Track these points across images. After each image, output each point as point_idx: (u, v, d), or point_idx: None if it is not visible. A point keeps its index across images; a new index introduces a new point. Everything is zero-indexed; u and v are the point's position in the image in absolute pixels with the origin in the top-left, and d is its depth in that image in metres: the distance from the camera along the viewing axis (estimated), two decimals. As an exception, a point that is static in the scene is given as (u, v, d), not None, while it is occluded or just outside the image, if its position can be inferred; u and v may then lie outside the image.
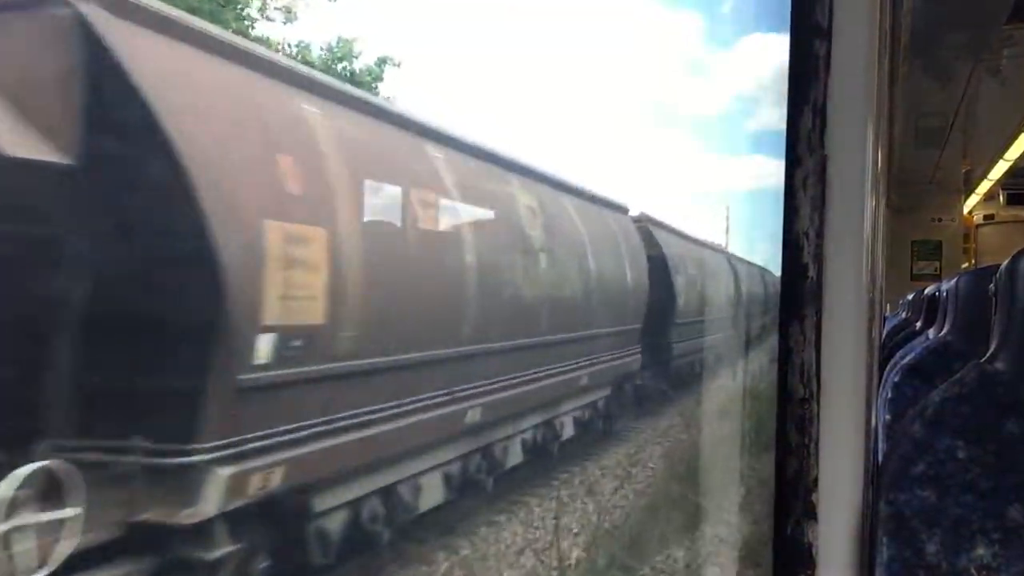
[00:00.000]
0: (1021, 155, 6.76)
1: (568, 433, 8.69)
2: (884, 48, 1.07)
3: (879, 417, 1.47)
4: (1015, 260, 0.96)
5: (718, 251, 16.51)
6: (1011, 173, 7.71)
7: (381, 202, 5.43)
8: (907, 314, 3.59)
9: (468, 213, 6.45)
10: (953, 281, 1.60)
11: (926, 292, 2.51)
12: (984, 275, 1.29)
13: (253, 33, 11.47)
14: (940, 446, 0.84)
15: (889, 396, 1.48)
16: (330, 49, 12.69)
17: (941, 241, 8.66)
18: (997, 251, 8.56)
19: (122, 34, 4.10)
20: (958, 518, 0.81)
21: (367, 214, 5.22)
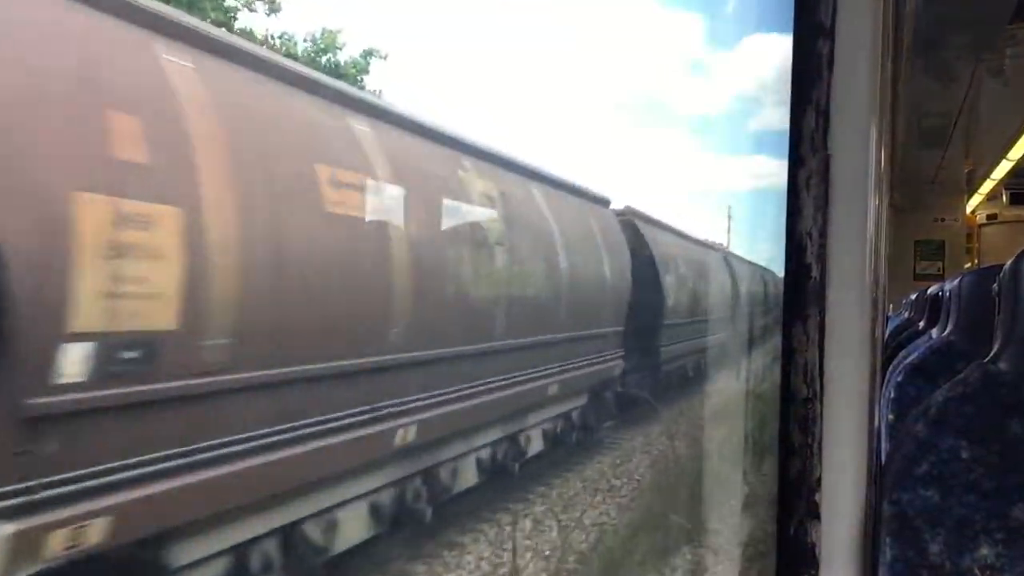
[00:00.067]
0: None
1: (536, 447, 7.89)
2: (887, 48, 1.07)
3: (882, 417, 1.47)
4: (1018, 260, 0.95)
5: (714, 249, 15.93)
6: (1014, 173, 7.70)
7: (274, 179, 4.53)
8: (910, 314, 3.59)
9: (400, 197, 5.60)
10: (956, 281, 1.60)
11: (929, 292, 2.51)
12: (987, 275, 1.28)
13: (236, 24, 11.27)
14: (943, 446, 0.84)
15: (892, 396, 1.48)
16: (314, 40, 12.51)
17: (944, 241, 8.66)
18: (1000, 251, 8.54)
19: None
20: (961, 518, 0.81)
21: (252, 192, 4.31)
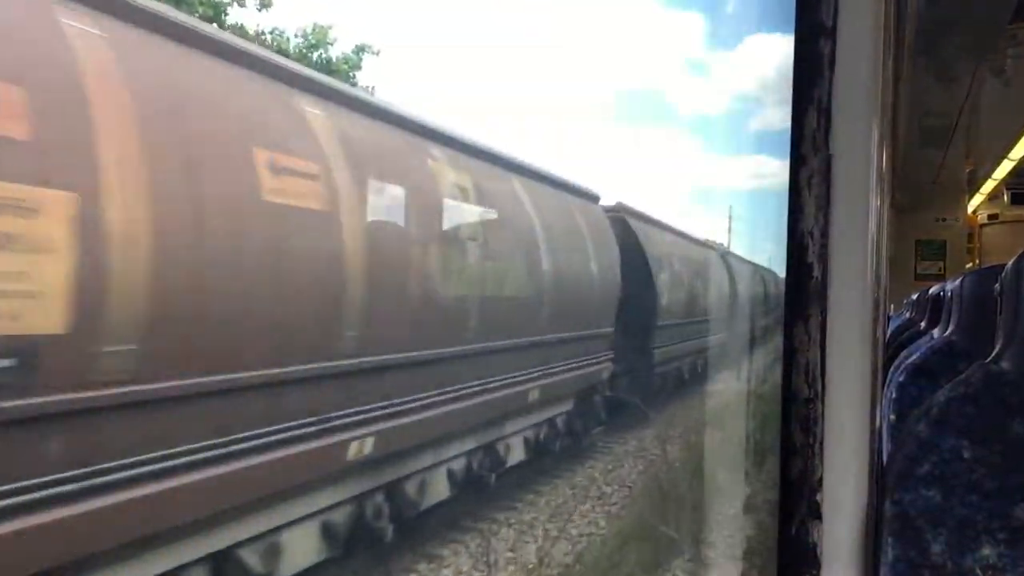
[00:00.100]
0: (1025, 155, 6.76)
1: (517, 456, 7.47)
2: (888, 48, 1.07)
3: (883, 417, 1.46)
4: (1020, 260, 0.95)
5: (711, 247, 15.57)
6: (1015, 173, 7.69)
7: (195, 161, 4.04)
8: (911, 314, 3.59)
9: (354, 186, 5.09)
10: (958, 281, 1.60)
11: (931, 292, 2.51)
12: (989, 275, 1.28)
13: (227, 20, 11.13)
14: (945, 446, 0.84)
15: (893, 396, 1.48)
16: (305, 36, 12.41)
17: (945, 241, 8.65)
18: (1001, 251, 8.54)
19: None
20: (963, 518, 0.81)
21: (166, 176, 3.83)
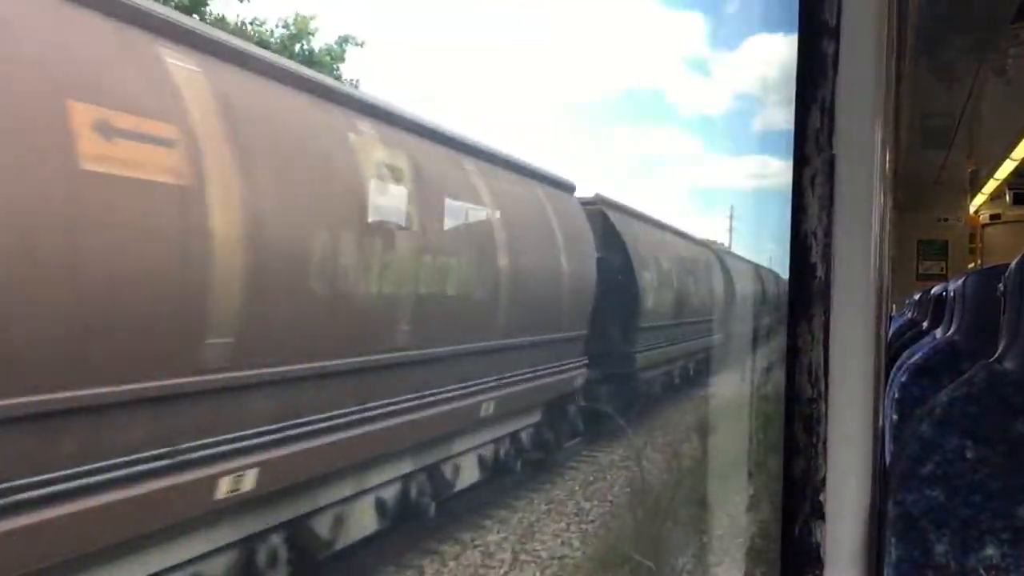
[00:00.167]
0: (1027, 155, 6.75)
1: (469, 478, 6.56)
2: (891, 47, 1.07)
3: (885, 417, 1.46)
4: None
5: (704, 245, 14.83)
6: (1017, 173, 7.68)
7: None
8: (913, 314, 3.58)
9: (233, 161, 4.15)
10: (961, 281, 1.60)
11: (933, 292, 2.51)
12: (992, 275, 1.28)
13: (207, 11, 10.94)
14: (949, 446, 0.84)
15: (896, 396, 1.48)
16: (286, 26, 12.19)
17: (947, 241, 8.64)
18: (1003, 251, 8.53)
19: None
20: (967, 518, 0.81)
21: None
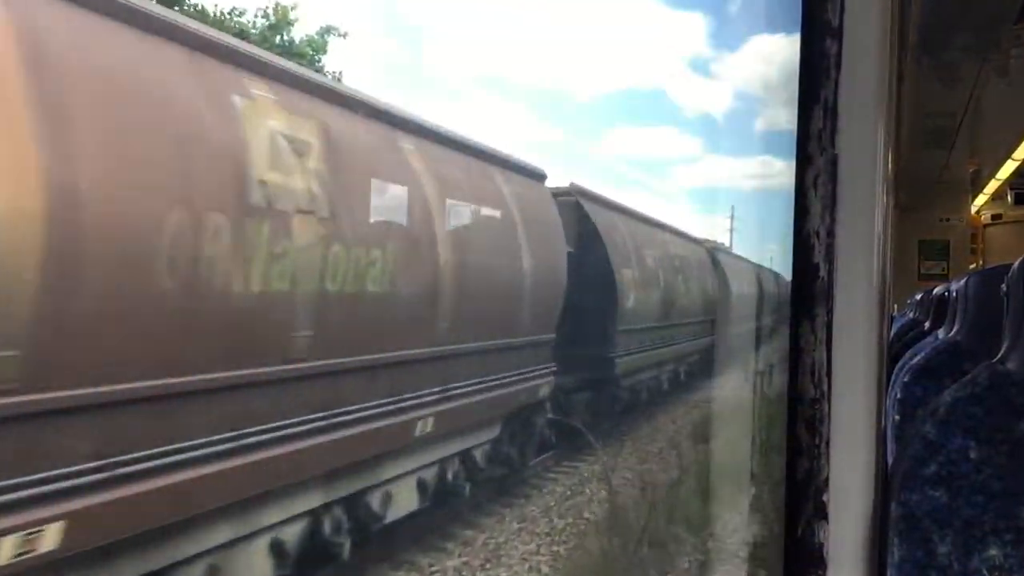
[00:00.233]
0: (1029, 155, 6.74)
1: (405, 506, 5.72)
2: (893, 47, 1.07)
3: (887, 418, 1.46)
4: None
5: (697, 242, 14.14)
6: (1019, 173, 7.68)
7: None
8: (914, 314, 3.58)
9: (51, 119, 3.34)
10: (963, 281, 1.60)
11: (935, 292, 2.50)
12: (995, 275, 1.28)
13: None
14: (952, 447, 0.84)
15: (898, 396, 1.48)
16: (266, 15, 12.06)
17: (949, 241, 8.63)
18: (1005, 251, 8.52)
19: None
20: (970, 519, 0.81)
21: None
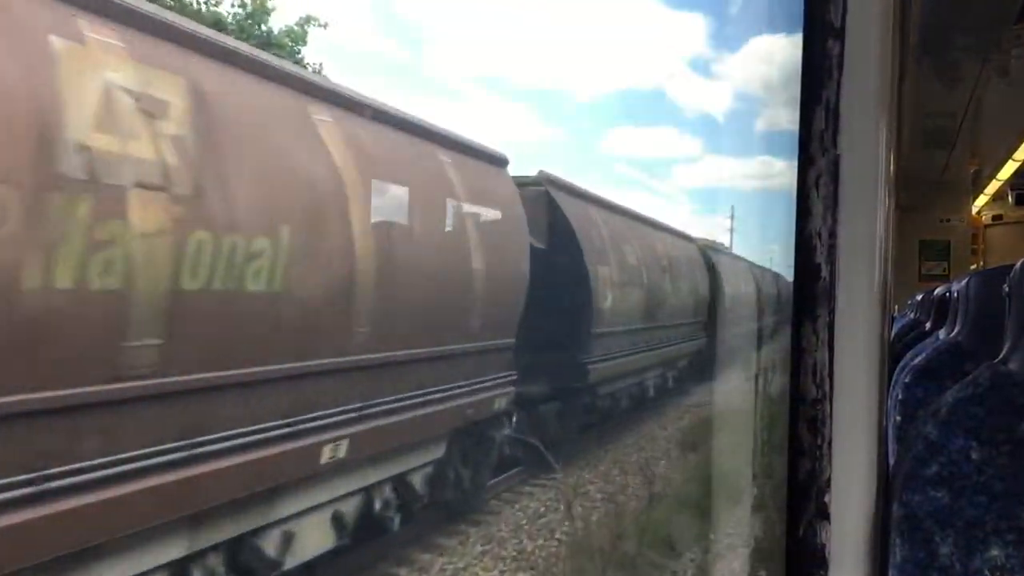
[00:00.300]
0: (1030, 155, 6.74)
1: (313, 547, 5.02)
2: (895, 48, 1.07)
3: (889, 418, 1.46)
4: None
5: (686, 239, 13.59)
6: (1019, 173, 7.68)
7: None
8: (915, 315, 3.58)
9: None
10: (964, 282, 1.60)
11: (936, 293, 2.50)
12: (996, 276, 1.28)
13: None
14: (953, 447, 0.84)
15: (900, 397, 1.48)
16: (243, 4, 11.78)
17: (949, 241, 8.62)
18: (1005, 252, 8.52)
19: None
20: (972, 519, 0.81)
21: None
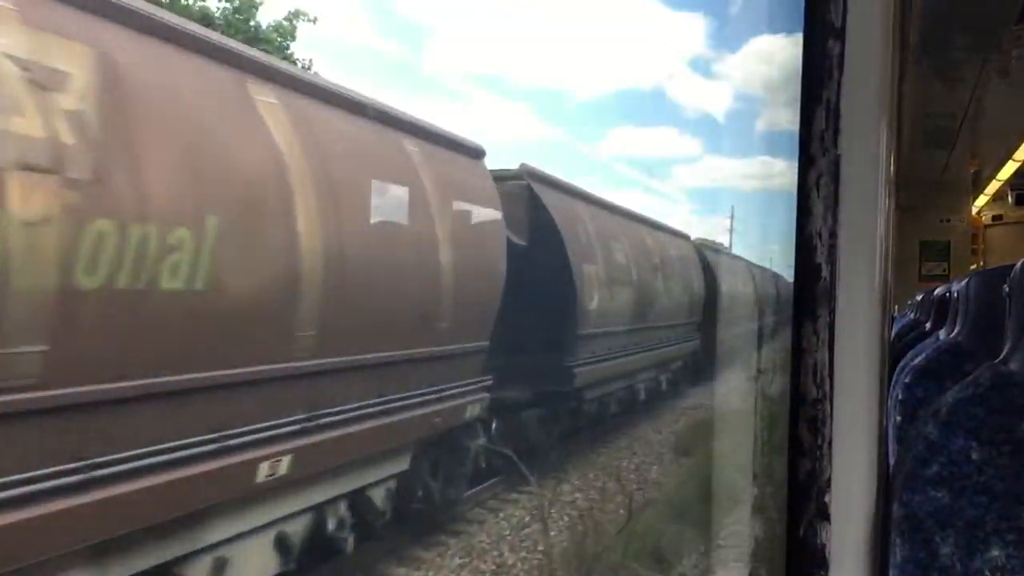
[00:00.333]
0: (1030, 156, 6.75)
1: (252, 574, 4.44)
2: (896, 48, 1.07)
3: (889, 418, 1.46)
4: None
5: (681, 237, 13.32)
6: (1019, 174, 7.68)
7: None
8: (915, 315, 3.58)
9: None
10: (964, 282, 1.60)
11: (936, 293, 2.50)
12: (996, 276, 1.28)
13: None
14: (954, 447, 0.84)
15: (900, 397, 1.48)
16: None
17: (949, 242, 8.62)
18: (1005, 252, 8.52)
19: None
20: (972, 520, 0.81)
21: None
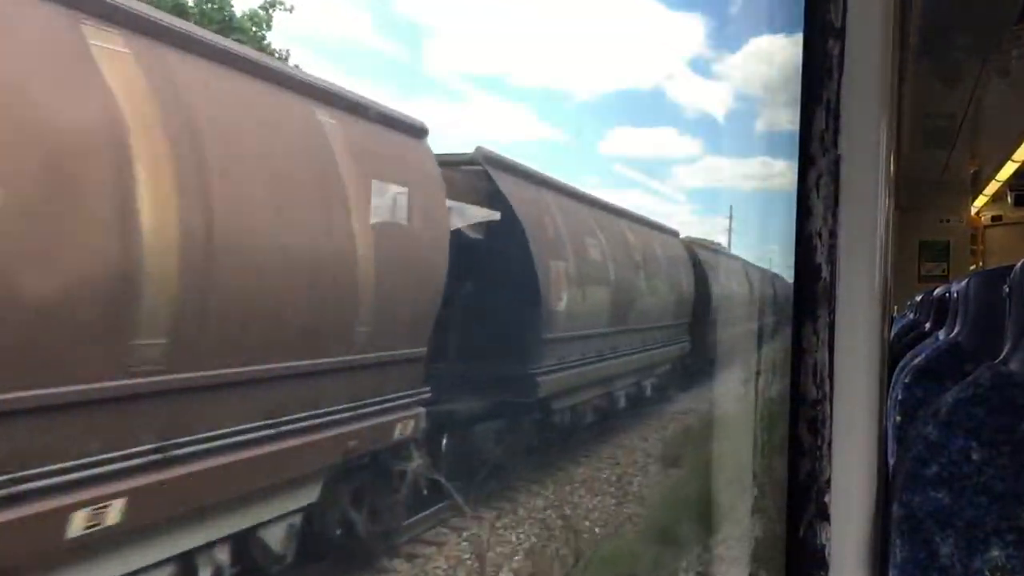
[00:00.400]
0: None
1: None
2: (895, 48, 1.07)
3: (888, 418, 1.46)
4: None
5: (669, 233, 12.59)
6: (1019, 174, 7.68)
7: None
8: (915, 315, 3.58)
9: None
10: (964, 282, 1.60)
11: (936, 293, 2.50)
12: (996, 276, 1.28)
13: None
14: (954, 447, 0.84)
15: (899, 397, 1.48)
16: None
17: (949, 242, 8.62)
18: (1005, 252, 8.52)
19: None
20: (972, 520, 0.81)
21: None
